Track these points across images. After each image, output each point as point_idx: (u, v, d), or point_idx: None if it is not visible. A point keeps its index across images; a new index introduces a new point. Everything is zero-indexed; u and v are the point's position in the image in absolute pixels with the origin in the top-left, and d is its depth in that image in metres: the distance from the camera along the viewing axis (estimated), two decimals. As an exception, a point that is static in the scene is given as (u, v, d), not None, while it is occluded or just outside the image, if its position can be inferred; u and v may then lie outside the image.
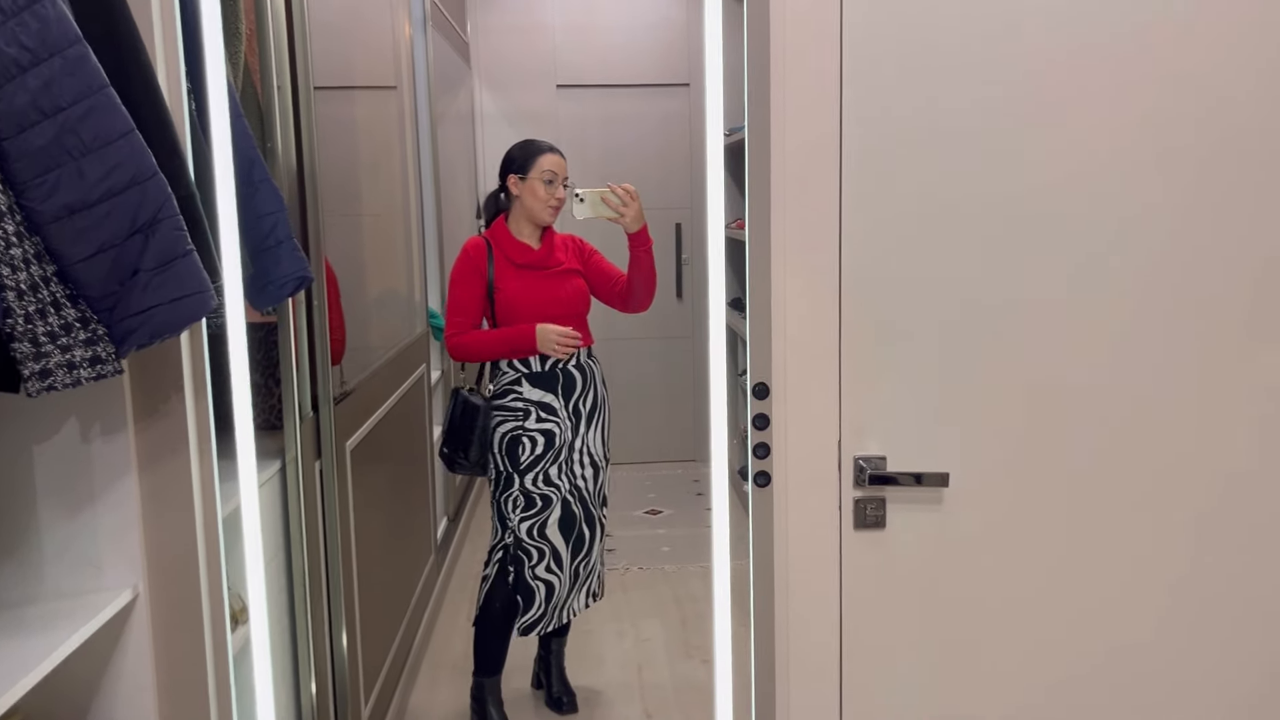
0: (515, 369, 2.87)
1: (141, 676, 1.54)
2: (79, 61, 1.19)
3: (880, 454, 1.63)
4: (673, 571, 4.27)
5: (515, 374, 2.87)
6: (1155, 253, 1.59)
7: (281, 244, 1.75)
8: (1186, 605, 1.68)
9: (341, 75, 2.83)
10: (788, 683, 1.67)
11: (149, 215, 1.25)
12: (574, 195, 2.71)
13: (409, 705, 3.15)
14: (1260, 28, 1.55)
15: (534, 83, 5.61)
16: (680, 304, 5.81)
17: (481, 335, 2.85)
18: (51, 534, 1.49)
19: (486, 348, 2.85)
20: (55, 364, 1.21)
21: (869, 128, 1.56)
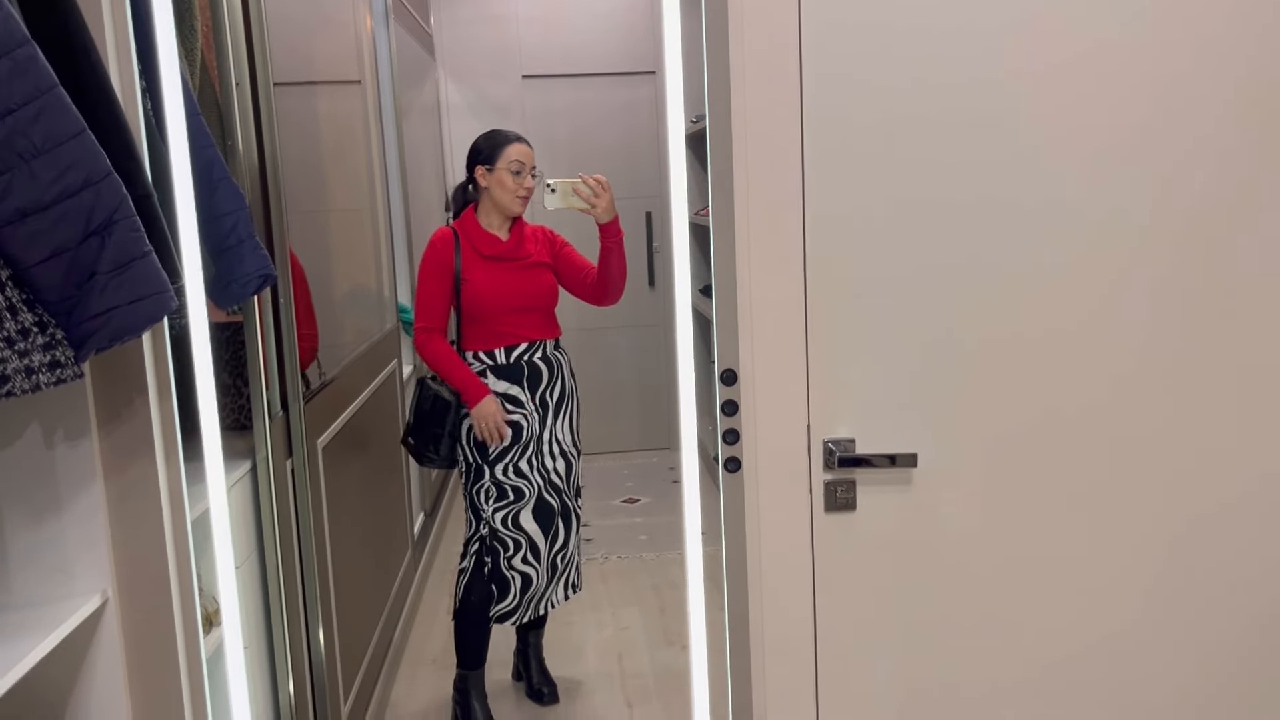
0: (481, 360, 2.87)
1: (114, 682, 1.52)
2: (28, 62, 1.17)
3: (849, 436, 1.64)
4: (651, 559, 4.28)
5: (481, 366, 2.87)
6: (1129, 229, 1.60)
7: (243, 242, 1.74)
8: (1157, 581, 1.70)
9: (302, 70, 2.80)
10: (763, 664, 1.68)
11: (104, 217, 1.23)
12: (545, 185, 2.69)
13: (389, 701, 3.15)
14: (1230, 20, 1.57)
15: (499, 74, 5.58)
16: (652, 292, 5.82)
17: (445, 357, 2.84)
18: (17, 542, 1.48)
19: (443, 369, 2.85)
20: (13, 369, 1.20)
21: (831, 112, 1.56)
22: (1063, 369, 1.63)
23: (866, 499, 1.65)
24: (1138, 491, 1.67)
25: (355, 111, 3.48)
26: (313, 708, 2.40)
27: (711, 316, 1.62)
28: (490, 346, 2.86)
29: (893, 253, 1.59)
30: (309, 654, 2.38)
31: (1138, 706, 1.73)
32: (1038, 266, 1.61)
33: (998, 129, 1.57)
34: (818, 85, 1.55)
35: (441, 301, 2.85)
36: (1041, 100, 1.57)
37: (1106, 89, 1.57)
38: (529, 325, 2.88)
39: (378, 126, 3.80)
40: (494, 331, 2.86)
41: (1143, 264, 1.61)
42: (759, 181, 1.55)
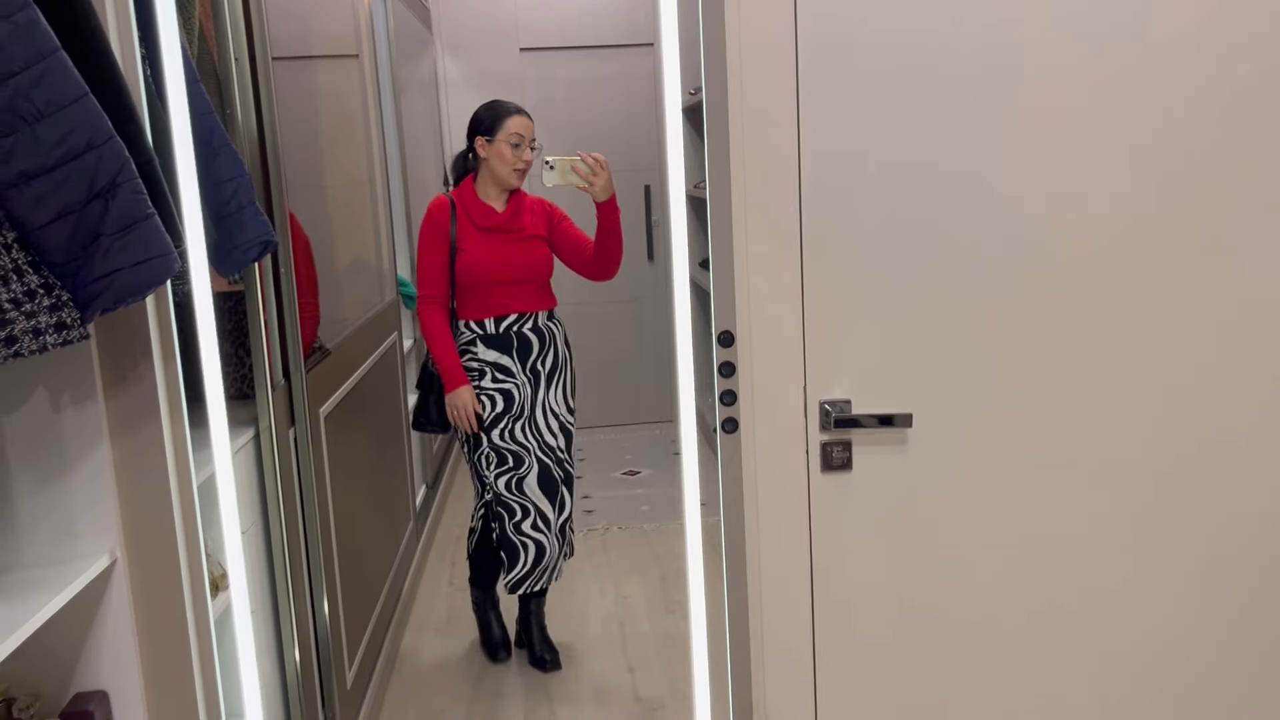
0: (471, 329, 2.93)
1: (123, 642, 1.55)
2: (29, 25, 1.18)
3: (845, 397, 1.66)
4: (652, 530, 4.32)
5: (471, 334, 2.93)
6: (1128, 189, 1.62)
7: (244, 209, 1.75)
8: (1150, 536, 1.72)
9: (300, 44, 2.81)
10: (761, 623, 1.71)
11: (107, 179, 1.25)
12: (544, 162, 2.71)
13: (393, 669, 3.19)
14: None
15: (497, 47, 5.57)
16: (651, 266, 5.83)
17: (437, 336, 2.89)
18: (25, 504, 1.50)
19: (432, 346, 2.91)
20: (20, 330, 1.22)
21: (827, 80, 1.57)
22: (1056, 329, 1.65)
23: (862, 459, 1.68)
24: (1130, 449, 1.69)
25: (354, 86, 3.48)
26: (318, 674, 2.43)
27: (709, 289, 1.64)
28: (481, 316, 2.91)
29: (888, 216, 1.61)
30: (314, 621, 2.41)
31: (1130, 660, 1.76)
32: (1032, 229, 1.62)
33: (993, 96, 1.59)
34: (813, 54, 1.56)
35: (441, 269, 2.88)
36: (1037, 61, 1.58)
37: (1102, 54, 1.59)
38: (521, 297, 2.92)
39: (376, 101, 3.81)
40: (486, 302, 2.90)
41: (1137, 225, 1.63)
42: (755, 148, 1.57)
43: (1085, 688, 1.77)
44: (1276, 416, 1.69)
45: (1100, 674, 1.77)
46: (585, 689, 3.03)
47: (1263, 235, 1.64)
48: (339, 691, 2.53)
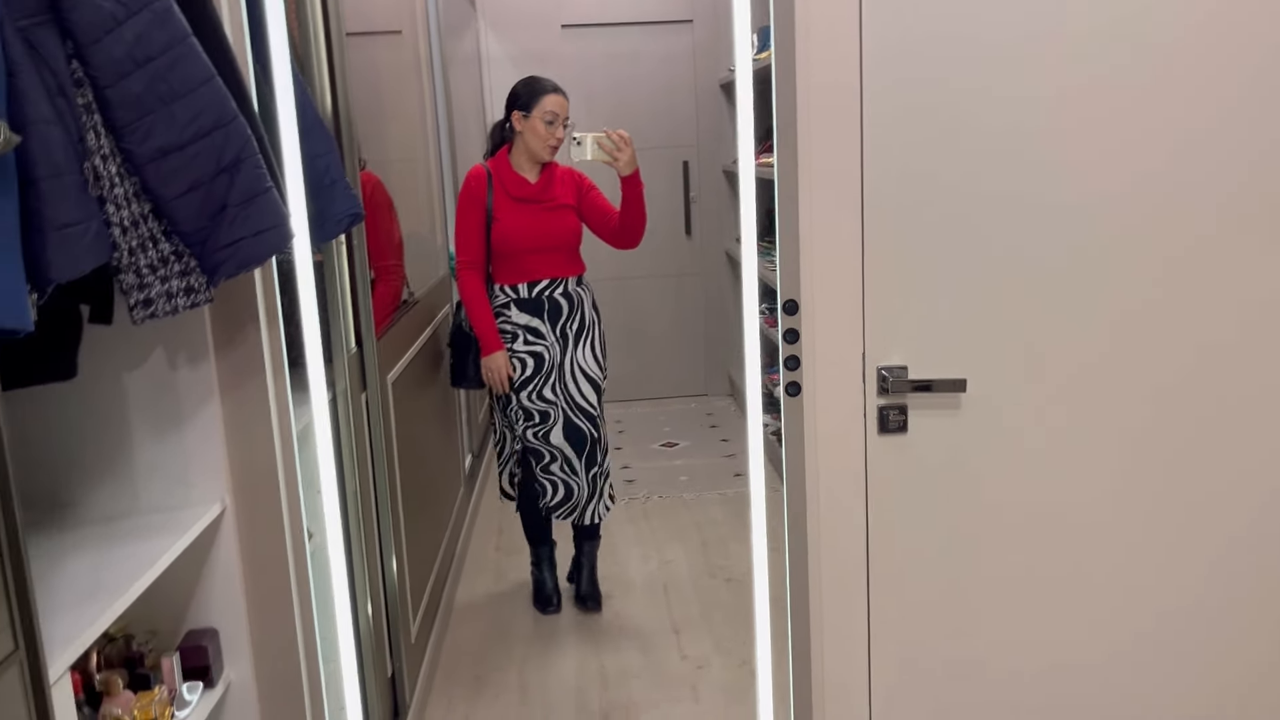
0: (506, 293, 3.13)
1: (231, 584, 1.68)
2: (165, 14, 1.29)
3: (902, 364, 1.75)
4: (691, 499, 4.43)
5: (506, 298, 3.13)
6: (1196, 158, 1.69)
7: (335, 183, 1.86)
8: (1207, 507, 1.80)
9: (362, 20, 2.91)
10: (819, 577, 1.81)
11: (233, 155, 1.36)
12: (572, 138, 2.91)
13: (449, 628, 3.32)
14: None
15: (538, 23, 5.64)
16: (690, 241, 5.91)
17: (475, 301, 3.09)
18: (143, 454, 1.63)
19: (470, 311, 3.12)
20: (156, 294, 1.34)
21: (890, 51, 1.65)
22: (1115, 299, 1.73)
23: (918, 422, 1.77)
24: (1185, 418, 1.77)
25: (409, 63, 3.58)
26: (387, 626, 2.56)
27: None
28: (515, 281, 3.11)
29: (947, 186, 1.69)
30: (383, 577, 2.54)
31: (1180, 628, 1.85)
32: (1091, 199, 1.70)
33: (1055, 60, 1.66)
34: (878, 25, 1.64)
35: (478, 236, 3.08)
36: (1105, 29, 1.66)
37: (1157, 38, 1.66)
38: (552, 263, 3.12)
39: (429, 77, 3.90)
40: (519, 267, 3.10)
41: (1200, 195, 1.70)
42: (820, 120, 1.66)
43: (1136, 650, 1.86)
44: (1315, 384, 1.77)
45: (1151, 637, 1.85)
46: (632, 646, 3.15)
47: (1305, 210, 1.71)
48: (405, 644, 2.67)
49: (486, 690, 2.94)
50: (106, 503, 1.64)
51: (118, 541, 1.52)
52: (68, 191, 1.19)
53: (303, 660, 1.75)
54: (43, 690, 1.06)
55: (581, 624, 3.33)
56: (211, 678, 1.66)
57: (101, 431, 1.62)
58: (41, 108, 1.16)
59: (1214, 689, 1.87)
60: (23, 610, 1.03)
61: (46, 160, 1.16)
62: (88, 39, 1.23)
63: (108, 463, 1.63)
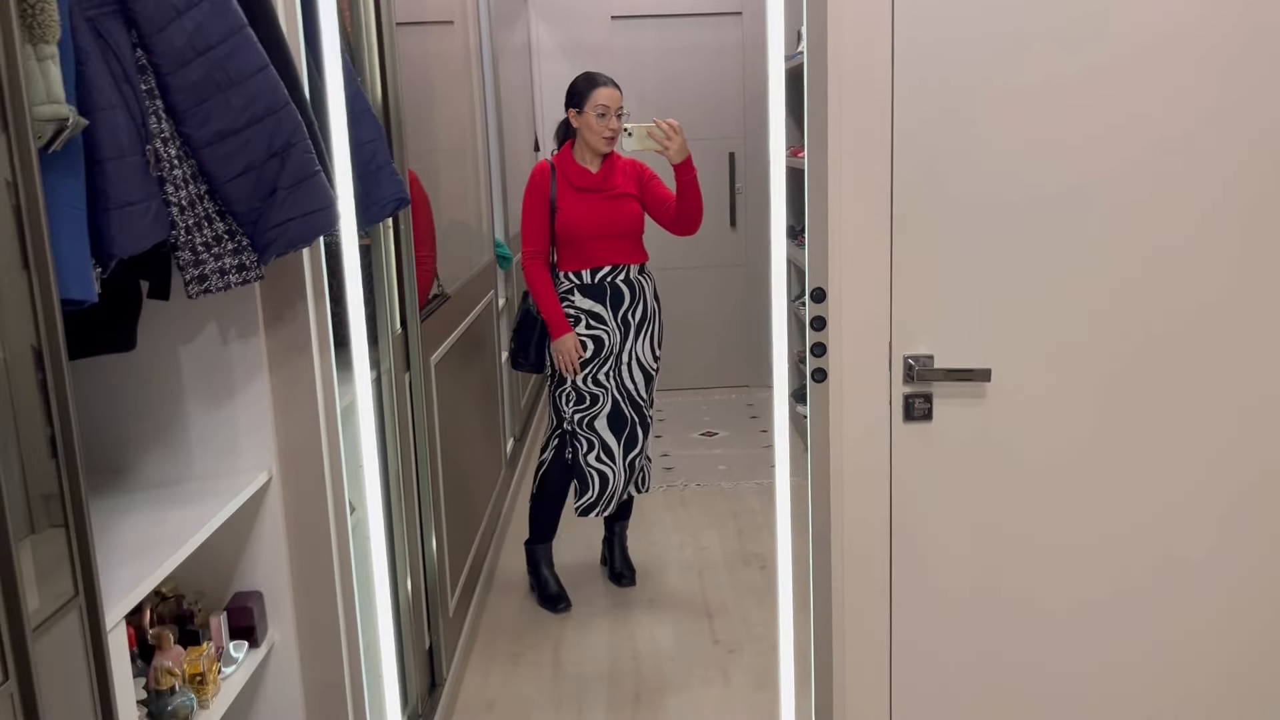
0: (570, 280, 3.22)
1: (276, 549, 1.77)
2: (224, 5, 1.36)
3: (928, 352, 1.78)
4: (729, 488, 4.47)
5: (570, 284, 3.22)
6: (1219, 154, 1.70)
7: (382, 169, 1.93)
8: (1225, 494, 1.82)
9: (413, 10, 2.98)
10: (842, 563, 1.86)
11: (284, 140, 1.43)
12: (623, 129, 3.02)
13: (486, 605, 3.41)
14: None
15: (589, 15, 5.70)
16: (734, 232, 5.94)
17: (541, 287, 3.19)
18: (196, 423, 1.72)
19: (537, 297, 3.21)
20: (210, 270, 1.41)
21: (920, 48, 1.68)
22: (1137, 291, 1.75)
23: (942, 410, 1.80)
24: (1211, 407, 1.79)
25: (458, 52, 3.66)
26: (425, 601, 2.64)
27: (795, 259, 1.77)
28: (578, 267, 3.20)
29: (974, 178, 1.72)
30: (423, 558, 2.62)
31: (1202, 620, 1.86)
32: (1118, 192, 1.72)
33: (1079, 60, 1.68)
34: (909, 23, 1.68)
35: (543, 228, 3.19)
36: (1125, 33, 1.68)
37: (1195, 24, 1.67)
38: (614, 250, 3.20)
39: (478, 67, 3.98)
40: (583, 254, 3.19)
41: (1228, 190, 1.72)
42: (851, 112, 1.69)
43: (1157, 642, 1.88)
44: (1345, 382, 1.77)
45: (1181, 625, 1.87)
46: (665, 630, 3.21)
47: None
48: (443, 617, 2.75)
49: (521, 666, 3.02)
50: (160, 469, 1.73)
51: (170, 504, 1.61)
52: (131, 172, 1.27)
53: (342, 627, 1.84)
54: (100, 636, 1.14)
55: (616, 604, 3.39)
56: (256, 638, 1.74)
57: (157, 401, 1.71)
58: (108, 94, 1.24)
59: (1246, 679, 1.88)
60: (83, 559, 1.11)
61: (112, 143, 1.24)
62: (151, 28, 1.31)
63: (162, 431, 1.72)
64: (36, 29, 1.09)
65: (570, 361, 3.17)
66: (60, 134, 1.12)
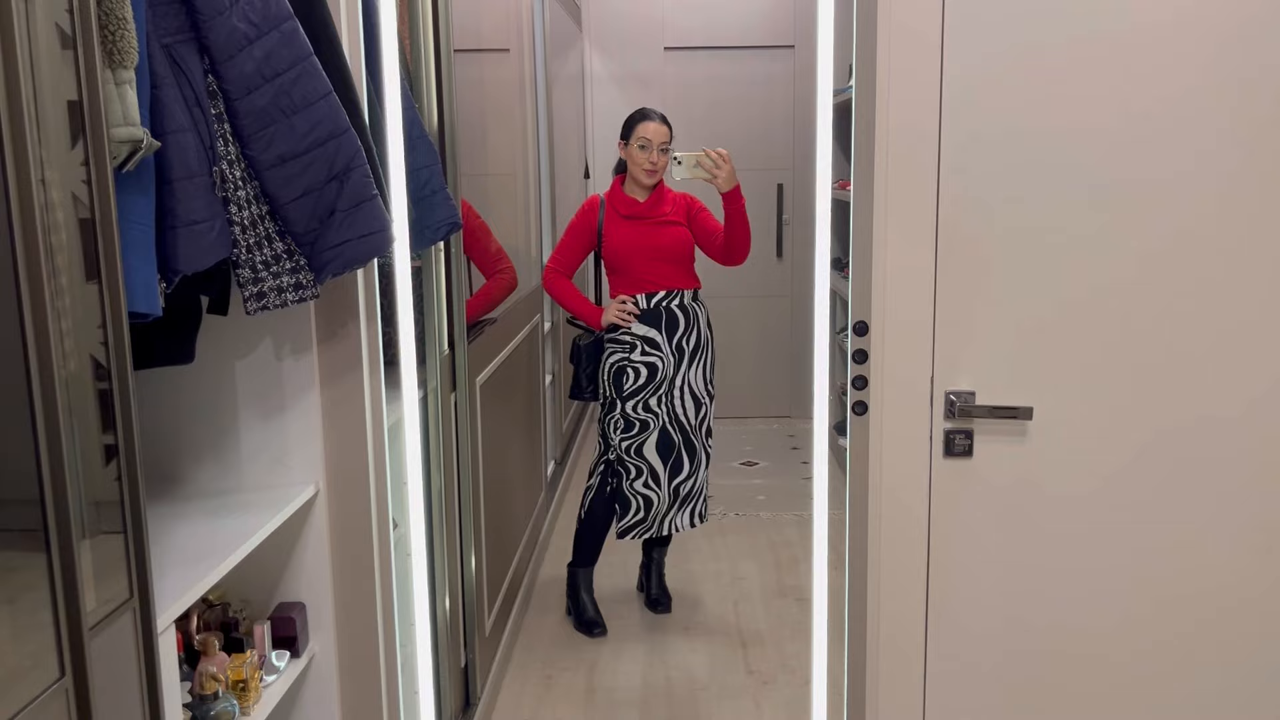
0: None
1: (320, 562, 1.81)
2: (292, 34, 1.42)
3: (970, 389, 1.79)
4: (768, 519, 4.46)
5: None
6: (1257, 201, 1.70)
7: (436, 194, 1.98)
8: (1266, 535, 1.79)
9: (470, 38, 3.06)
10: (879, 597, 1.85)
11: (344, 164, 1.48)
12: (673, 158, 3.07)
13: (522, 627, 3.43)
14: None
15: (642, 45, 5.78)
16: (780, 263, 5.95)
17: (565, 291, 3.30)
18: (249, 436, 1.76)
19: (564, 301, 3.32)
20: (268, 288, 1.46)
21: (968, 88, 1.70)
22: (1179, 333, 1.74)
23: (983, 448, 1.80)
24: (1251, 455, 1.77)
25: (513, 79, 3.73)
26: (463, 626, 2.67)
27: (838, 290, 1.79)
28: (632, 293, 3.25)
29: (1020, 217, 1.73)
30: (461, 575, 2.65)
31: (1247, 660, 1.83)
32: (1160, 235, 1.72)
33: (1125, 103, 1.69)
34: (957, 62, 1.69)
35: (575, 254, 3.31)
36: (1174, 79, 1.68)
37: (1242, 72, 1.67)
38: (666, 275, 3.24)
39: (532, 95, 4.05)
40: (634, 279, 3.25)
41: (1265, 227, 1.71)
42: (898, 148, 1.71)
43: (1197, 684, 1.85)
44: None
45: (1214, 670, 1.84)
46: (700, 659, 3.21)
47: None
48: (479, 637, 2.77)
49: (555, 688, 3.03)
50: (212, 479, 1.78)
51: (221, 514, 1.66)
52: (198, 192, 1.32)
53: (381, 641, 1.87)
54: (151, 638, 1.18)
55: (651, 631, 3.40)
56: (298, 648, 1.78)
57: (212, 413, 1.76)
58: (179, 117, 1.30)
59: (1280, 736, 1.85)
60: (139, 565, 1.15)
61: (181, 164, 1.30)
62: (223, 56, 1.37)
63: (216, 442, 1.77)
64: (116, 55, 1.15)
65: (619, 313, 3.19)
66: (134, 154, 1.17)
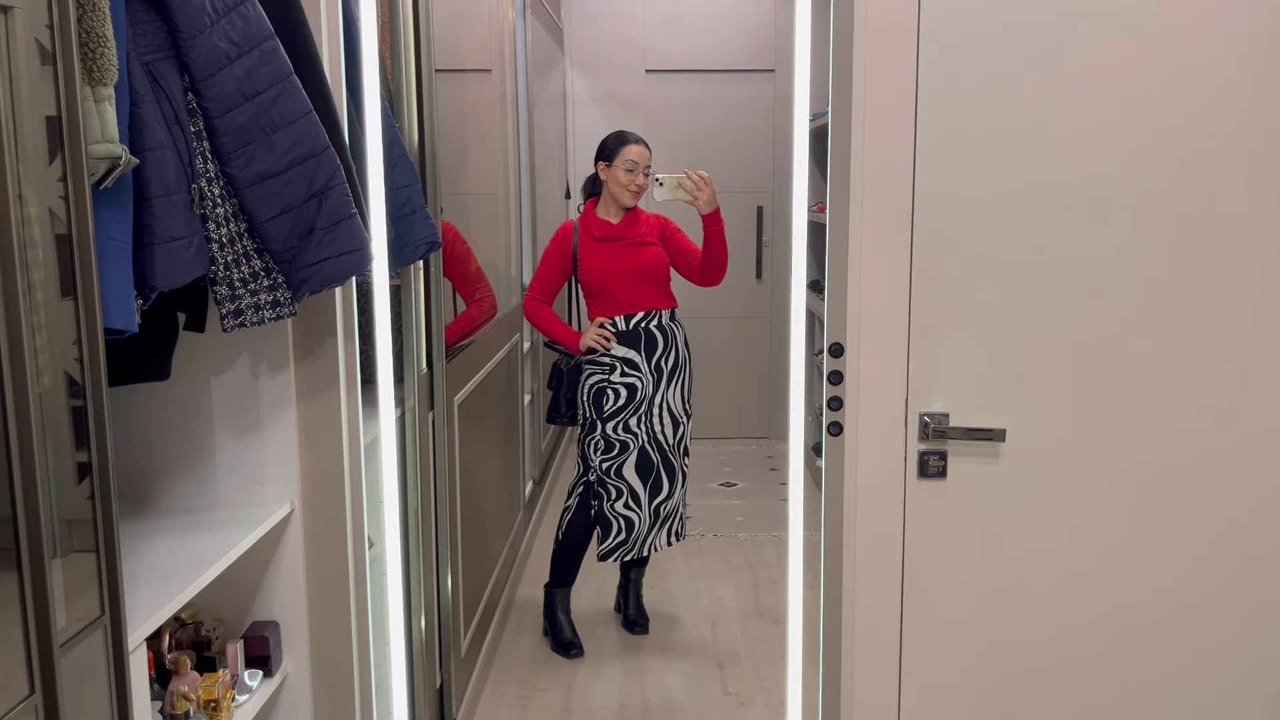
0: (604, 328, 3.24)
1: (295, 581, 1.80)
2: (272, 53, 1.43)
3: (944, 410, 1.80)
4: (746, 539, 4.47)
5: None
6: (1227, 221, 1.73)
7: (415, 212, 1.99)
8: (1237, 556, 1.82)
9: (452, 58, 3.07)
10: (853, 617, 1.86)
11: (323, 183, 1.49)
12: (654, 180, 3.09)
13: (499, 647, 3.41)
14: None
15: (624, 67, 5.82)
16: (760, 284, 5.98)
17: (544, 317, 3.31)
18: (224, 454, 1.76)
19: (543, 326, 3.33)
20: (245, 305, 1.46)
21: (942, 117, 1.73)
22: (1148, 355, 1.77)
23: (956, 469, 1.82)
24: (1222, 474, 1.79)
25: (494, 100, 3.75)
26: (439, 646, 2.66)
27: (815, 311, 1.81)
28: (611, 315, 3.26)
29: (992, 241, 1.76)
30: (438, 595, 2.64)
31: (1215, 682, 1.85)
32: (1129, 259, 1.75)
33: (1095, 136, 1.72)
34: (931, 94, 1.72)
35: (552, 281, 3.32)
36: (1137, 108, 1.71)
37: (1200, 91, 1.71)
38: (643, 296, 3.26)
39: (513, 116, 4.07)
40: (612, 301, 3.26)
41: (1238, 247, 1.73)
42: (874, 176, 1.73)
43: (1172, 704, 1.86)
44: (1362, 456, 1.77)
45: (1189, 690, 1.86)
46: (676, 679, 3.20)
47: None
48: (455, 657, 2.76)
49: (531, 709, 3.02)
50: (187, 496, 1.77)
51: (195, 532, 1.65)
52: (176, 209, 1.33)
53: (355, 660, 1.86)
54: (122, 656, 1.17)
55: (628, 652, 3.39)
56: (271, 667, 1.77)
57: (187, 430, 1.75)
58: (158, 135, 1.30)
59: (1249, 757, 1.86)
60: (110, 583, 1.15)
61: (160, 181, 1.30)
62: (203, 74, 1.37)
63: (191, 459, 1.76)
64: (96, 72, 1.16)
65: (597, 336, 3.20)
66: (112, 171, 1.18)
